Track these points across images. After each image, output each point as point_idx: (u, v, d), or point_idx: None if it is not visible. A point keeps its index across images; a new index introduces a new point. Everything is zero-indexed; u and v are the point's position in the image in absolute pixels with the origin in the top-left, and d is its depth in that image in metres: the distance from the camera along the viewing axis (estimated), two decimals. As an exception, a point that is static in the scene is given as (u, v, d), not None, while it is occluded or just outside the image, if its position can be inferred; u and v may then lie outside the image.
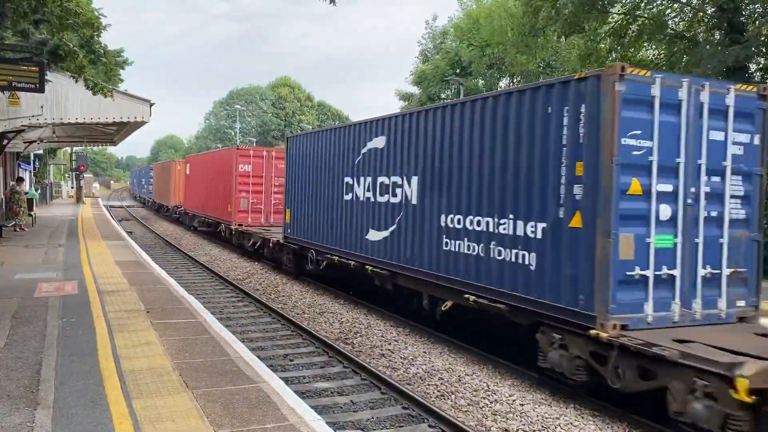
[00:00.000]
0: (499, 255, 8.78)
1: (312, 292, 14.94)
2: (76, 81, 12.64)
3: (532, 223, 8.20)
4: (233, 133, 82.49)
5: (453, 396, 8.00)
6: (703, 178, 7.61)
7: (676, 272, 7.45)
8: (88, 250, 16.49)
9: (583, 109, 7.44)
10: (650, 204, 7.31)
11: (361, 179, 12.77)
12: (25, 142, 28.42)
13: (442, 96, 36.18)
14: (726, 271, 7.78)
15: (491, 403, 7.70)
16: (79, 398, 5.56)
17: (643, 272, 7.25)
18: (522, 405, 7.58)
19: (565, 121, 7.69)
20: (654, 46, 20.57)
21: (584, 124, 7.42)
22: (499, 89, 9.18)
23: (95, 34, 11.56)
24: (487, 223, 9.04)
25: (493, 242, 8.89)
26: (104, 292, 10.62)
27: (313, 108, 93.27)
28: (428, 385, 8.43)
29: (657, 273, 7.33)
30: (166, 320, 8.70)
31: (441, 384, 8.40)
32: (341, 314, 12.48)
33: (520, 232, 8.42)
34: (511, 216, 8.57)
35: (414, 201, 10.90)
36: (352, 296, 13.95)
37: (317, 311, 12.91)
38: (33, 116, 17.92)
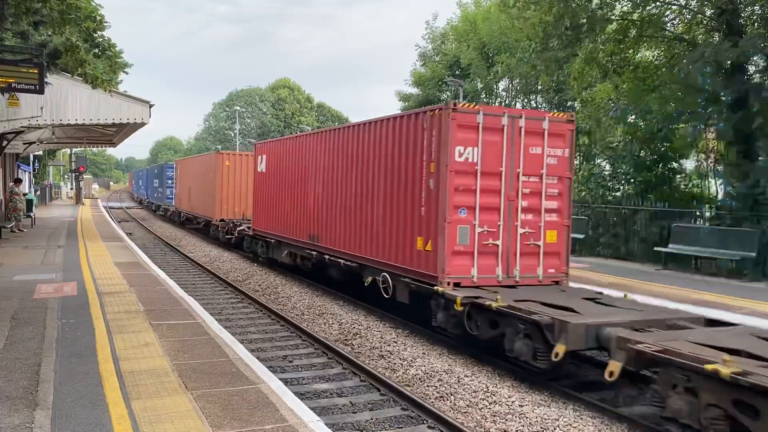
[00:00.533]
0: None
1: (311, 293, 14.95)
2: (73, 75, 12.59)
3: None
4: (233, 135, 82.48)
5: (452, 397, 8.00)
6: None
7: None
8: (88, 252, 16.49)
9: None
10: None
11: None
12: (24, 144, 28.43)
13: (442, 97, 36.18)
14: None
15: (490, 404, 7.70)
16: (79, 399, 5.57)
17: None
18: (521, 406, 7.59)
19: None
20: (653, 48, 20.57)
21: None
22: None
23: (98, 27, 11.55)
24: None
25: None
26: (103, 293, 10.63)
27: (312, 110, 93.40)
28: (427, 386, 8.43)
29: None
30: (165, 321, 8.70)
31: (440, 385, 8.40)
32: (340, 315, 12.48)
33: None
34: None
35: None
36: (351, 298, 13.95)
37: (316, 312, 12.91)
38: (33, 117, 17.93)
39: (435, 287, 9.92)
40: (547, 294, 9.56)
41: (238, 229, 21.93)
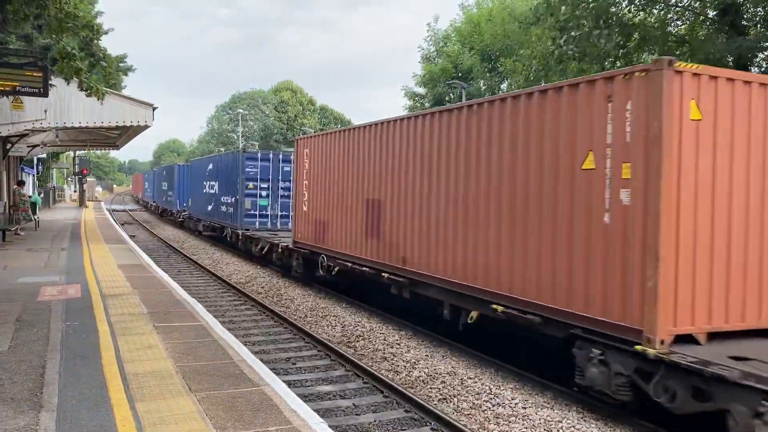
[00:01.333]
0: None
1: (314, 295, 14.96)
2: (68, 83, 12.62)
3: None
4: (236, 137, 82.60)
5: (455, 399, 8.00)
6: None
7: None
8: (91, 254, 16.53)
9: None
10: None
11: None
12: (28, 146, 28.54)
13: (447, 99, 36.22)
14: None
15: (494, 406, 7.70)
16: (83, 401, 5.59)
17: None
18: (524, 408, 7.59)
19: None
20: (656, 52, 20.56)
21: None
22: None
23: (95, 37, 11.59)
24: None
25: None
26: (107, 295, 10.66)
27: (315, 112, 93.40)
28: (431, 388, 8.44)
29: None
30: (168, 323, 8.72)
31: (443, 387, 8.40)
32: (343, 318, 12.49)
33: None
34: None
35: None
36: (354, 300, 13.96)
37: (319, 315, 12.92)
38: (37, 120, 18.01)
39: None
40: None
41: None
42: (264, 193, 21.05)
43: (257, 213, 21.06)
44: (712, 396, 6.01)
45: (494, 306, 8.70)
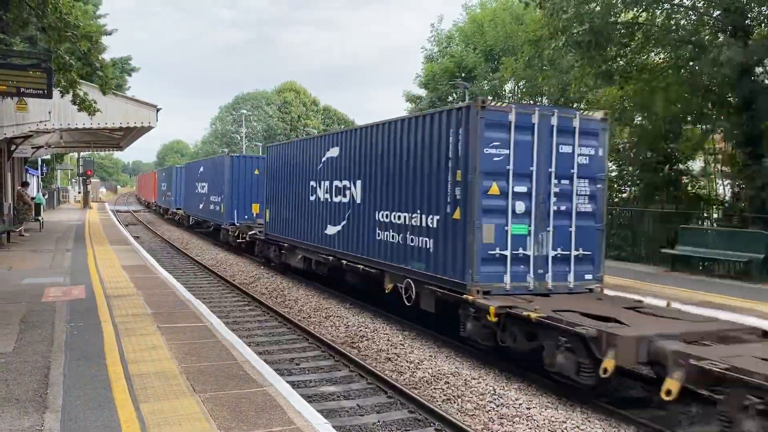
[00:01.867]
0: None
1: (318, 296, 14.97)
2: (62, 96, 12.49)
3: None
4: (239, 138, 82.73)
5: (459, 400, 8.00)
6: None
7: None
8: (95, 255, 16.58)
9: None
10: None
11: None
12: (32, 148, 28.60)
13: (449, 99, 36.18)
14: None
15: (498, 406, 7.69)
16: (87, 402, 5.60)
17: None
18: (528, 409, 7.58)
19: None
20: (660, 52, 20.51)
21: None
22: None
23: (93, 47, 11.56)
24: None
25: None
26: (111, 296, 10.68)
27: (318, 113, 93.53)
28: (434, 389, 8.43)
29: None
30: (172, 324, 8.74)
31: (447, 388, 8.40)
32: (347, 318, 12.50)
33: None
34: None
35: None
36: (358, 300, 13.96)
37: (323, 315, 12.93)
38: (41, 122, 18.05)
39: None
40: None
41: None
42: (522, 206, 9.63)
43: (507, 253, 9.52)
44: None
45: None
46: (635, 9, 18.31)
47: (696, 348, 6.78)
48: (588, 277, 10.02)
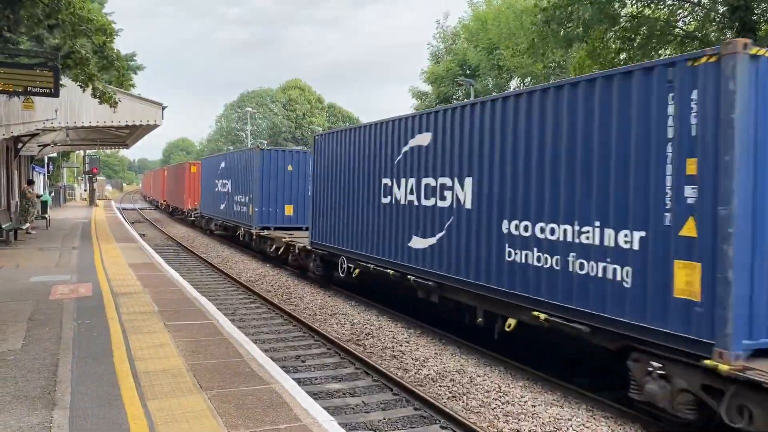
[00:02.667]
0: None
1: (323, 294, 15.00)
2: (84, 90, 12.72)
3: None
4: (244, 136, 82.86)
5: (465, 397, 8.02)
6: None
7: None
8: (102, 253, 16.65)
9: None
10: None
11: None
12: (39, 146, 28.77)
13: (453, 97, 36.16)
14: None
15: (503, 404, 7.71)
16: (95, 399, 5.64)
17: None
18: (534, 406, 7.59)
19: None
20: (665, 47, 20.45)
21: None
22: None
23: (108, 40, 11.68)
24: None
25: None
26: (118, 294, 10.74)
27: (323, 110, 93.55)
28: (440, 386, 8.46)
29: None
30: (179, 322, 8.78)
31: (453, 385, 8.42)
32: (353, 316, 12.53)
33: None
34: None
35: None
36: (363, 298, 13.98)
37: (329, 313, 12.97)
38: (47, 120, 18.14)
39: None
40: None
41: None
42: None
43: None
44: None
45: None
46: (638, 3, 18.27)
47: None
48: None
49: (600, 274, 7.17)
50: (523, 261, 8.40)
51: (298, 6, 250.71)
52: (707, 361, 5.88)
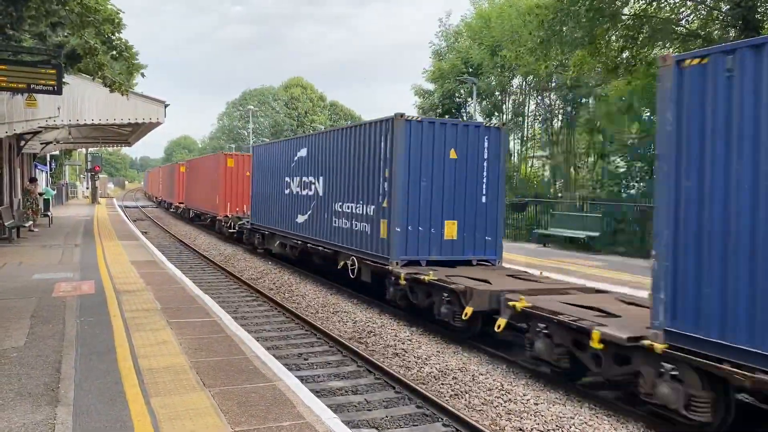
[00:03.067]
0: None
1: (325, 291, 15.02)
2: (93, 79, 12.80)
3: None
4: (246, 134, 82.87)
5: (467, 395, 8.02)
6: None
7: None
8: (104, 250, 16.67)
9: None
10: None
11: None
12: (41, 144, 28.79)
13: (456, 95, 36.11)
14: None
15: (505, 402, 7.71)
16: (99, 396, 5.66)
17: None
18: (536, 404, 7.59)
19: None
20: (668, 45, 20.42)
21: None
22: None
23: (116, 30, 11.72)
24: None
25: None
26: (121, 291, 10.75)
27: (325, 108, 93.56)
28: (442, 384, 8.46)
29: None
30: (182, 319, 8.80)
31: (455, 383, 8.42)
32: (354, 314, 12.53)
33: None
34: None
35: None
36: (365, 296, 13.99)
37: (331, 311, 12.97)
38: (50, 118, 18.15)
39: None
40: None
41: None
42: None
43: None
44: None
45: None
46: (641, 1, 18.26)
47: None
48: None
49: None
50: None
51: (301, 4, 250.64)
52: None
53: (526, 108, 35.45)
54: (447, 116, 33.91)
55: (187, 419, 5.17)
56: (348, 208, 13.96)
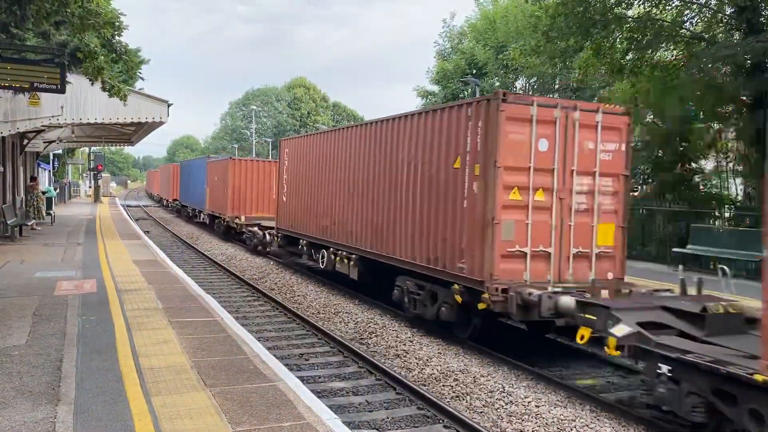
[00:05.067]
0: None
1: (327, 292, 15.00)
2: (92, 83, 12.79)
3: None
4: (249, 134, 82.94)
5: (468, 397, 8.00)
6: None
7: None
8: (107, 249, 16.68)
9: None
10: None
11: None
12: (44, 142, 28.81)
13: (460, 96, 36.07)
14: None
15: (506, 404, 7.69)
16: (100, 394, 5.65)
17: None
18: (537, 407, 7.57)
19: None
20: (672, 48, 20.37)
21: None
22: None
23: (116, 33, 11.72)
24: None
25: None
26: (122, 290, 10.75)
27: (328, 108, 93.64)
28: (443, 385, 8.44)
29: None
30: (183, 318, 8.79)
31: (456, 385, 8.40)
32: (356, 314, 12.52)
33: None
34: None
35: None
36: (367, 297, 13.98)
37: (332, 311, 12.96)
38: (53, 116, 18.16)
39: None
40: None
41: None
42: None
43: None
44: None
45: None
46: (645, 4, 18.23)
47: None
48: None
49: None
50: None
51: (306, 3, 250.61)
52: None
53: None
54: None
55: (187, 418, 5.16)
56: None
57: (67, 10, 10.38)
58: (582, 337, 7.78)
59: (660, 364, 6.48)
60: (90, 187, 56.70)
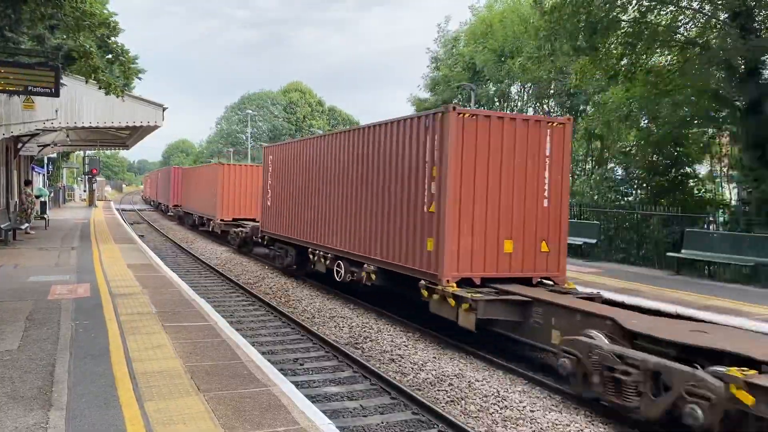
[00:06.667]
0: None
1: (322, 296, 14.98)
2: (87, 81, 12.80)
3: None
4: (244, 138, 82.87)
5: (463, 402, 7.99)
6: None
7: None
8: (101, 253, 16.62)
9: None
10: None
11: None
12: (39, 146, 28.70)
13: (454, 101, 36.09)
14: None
15: (501, 409, 7.68)
16: (92, 400, 5.61)
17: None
18: (532, 411, 7.56)
19: None
20: (666, 53, 20.43)
21: None
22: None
23: (111, 34, 11.75)
24: None
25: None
26: (116, 295, 10.70)
27: (323, 113, 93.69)
28: (438, 390, 8.42)
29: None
30: (177, 323, 8.75)
31: (451, 389, 8.39)
32: (351, 319, 12.50)
33: None
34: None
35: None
36: (361, 302, 13.96)
37: (327, 316, 12.93)
38: (48, 120, 18.09)
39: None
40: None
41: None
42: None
43: None
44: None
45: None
46: (638, 7, 18.29)
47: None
48: None
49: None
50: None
51: (304, 8, 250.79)
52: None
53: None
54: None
55: (180, 424, 5.13)
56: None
57: (62, 11, 10.38)
58: None
59: None
60: (85, 191, 56.58)
